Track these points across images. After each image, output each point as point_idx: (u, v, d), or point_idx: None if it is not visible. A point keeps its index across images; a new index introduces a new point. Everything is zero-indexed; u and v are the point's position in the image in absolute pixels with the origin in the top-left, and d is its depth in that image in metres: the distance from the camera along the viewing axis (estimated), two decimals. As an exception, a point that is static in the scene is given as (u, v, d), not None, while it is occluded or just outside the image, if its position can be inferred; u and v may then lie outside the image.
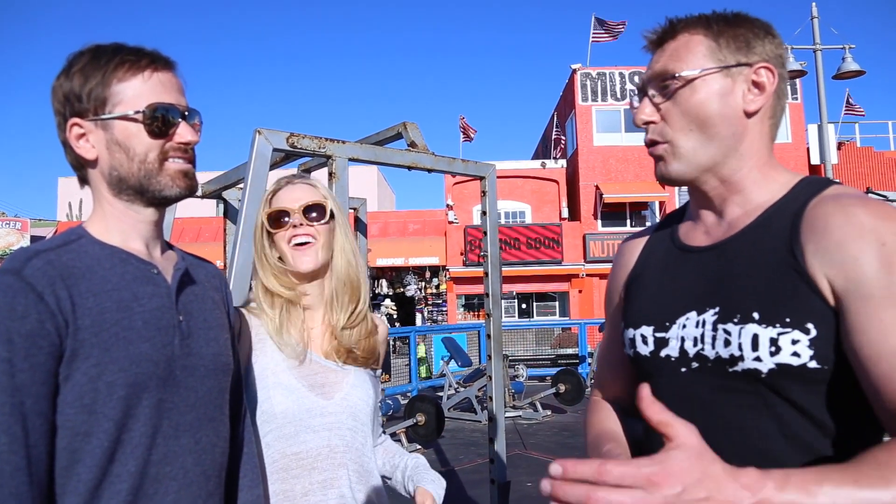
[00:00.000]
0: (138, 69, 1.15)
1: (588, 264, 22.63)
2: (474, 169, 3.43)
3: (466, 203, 24.11)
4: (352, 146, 2.82)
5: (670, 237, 1.24)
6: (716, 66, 1.07)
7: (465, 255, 22.37)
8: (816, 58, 12.72)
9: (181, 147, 1.19)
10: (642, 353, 1.18)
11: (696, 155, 1.09)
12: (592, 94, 23.92)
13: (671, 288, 1.17)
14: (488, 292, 3.54)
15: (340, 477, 1.52)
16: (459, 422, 9.64)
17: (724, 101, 1.07)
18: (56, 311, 1.03)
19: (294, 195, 1.59)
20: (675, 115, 1.10)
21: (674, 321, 1.13)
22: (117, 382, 1.06)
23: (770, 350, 0.97)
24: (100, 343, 1.06)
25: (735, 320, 1.02)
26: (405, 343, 12.75)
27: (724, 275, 1.08)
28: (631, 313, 1.24)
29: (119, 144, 1.15)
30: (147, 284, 1.17)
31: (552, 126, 27.33)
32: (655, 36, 1.15)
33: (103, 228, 1.19)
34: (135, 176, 1.16)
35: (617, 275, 1.36)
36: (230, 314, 1.41)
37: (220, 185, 3.79)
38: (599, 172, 23.66)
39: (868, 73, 12.89)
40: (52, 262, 1.07)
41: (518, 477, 6.08)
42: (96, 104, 1.14)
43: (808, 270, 0.97)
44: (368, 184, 28.34)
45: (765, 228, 1.06)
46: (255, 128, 2.50)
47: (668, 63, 1.10)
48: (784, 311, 0.97)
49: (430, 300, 23.17)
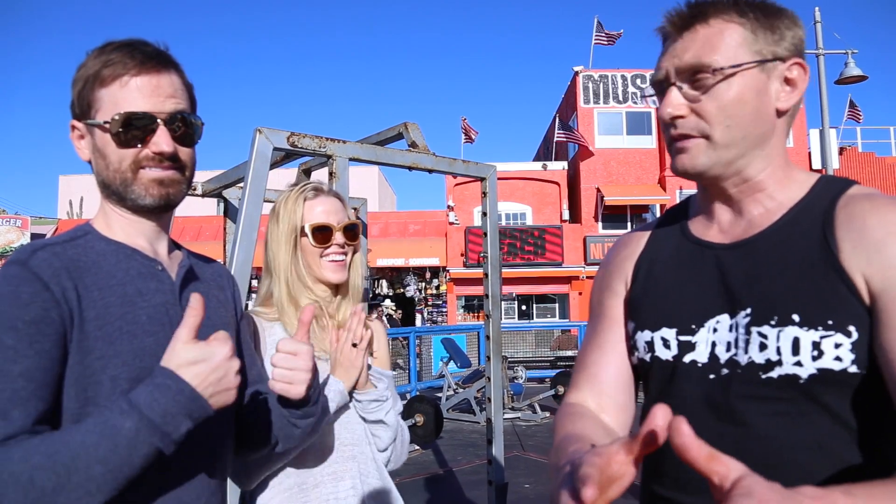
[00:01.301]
0: (120, 73, 1.12)
1: (588, 266, 22.62)
2: (475, 170, 3.43)
3: (467, 204, 24.10)
4: (352, 146, 2.82)
5: (680, 231, 1.17)
6: (753, 61, 1.00)
7: (465, 257, 22.36)
8: (819, 62, 12.73)
9: (156, 157, 1.15)
10: (662, 357, 1.10)
11: (727, 152, 1.03)
12: (594, 96, 23.93)
13: (692, 287, 1.10)
14: (488, 293, 3.53)
15: (350, 469, 1.60)
16: (458, 423, 9.64)
17: (759, 98, 1.02)
18: (61, 301, 1.02)
19: (329, 208, 1.68)
20: (711, 109, 1.01)
21: (702, 324, 1.06)
22: (120, 376, 1.06)
23: (812, 354, 0.93)
24: (104, 336, 1.06)
25: (772, 322, 0.97)
26: (405, 345, 12.73)
27: (754, 274, 1.02)
28: (645, 313, 1.15)
29: (99, 151, 1.16)
30: (151, 280, 1.17)
31: (554, 128, 27.33)
32: (681, 19, 1.04)
33: (107, 226, 1.20)
34: (113, 183, 1.16)
35: (618, 267, 1.24)
36: (238, 312, 1.41)
37: (221, 183, 3.79)
38: (601, 175, 23.66)
39: (870, 79, 12.89)
40: (57, 254, 1.08)
41: (516, 479, 6.08)
42: (83, 108, 1.15)
43: (846, 270, 0.93)
44: (369, 184, 28.33)
45: (793, 227, 1.02)
46: (256, 127, 2.50)
47: (701, 53, 1.01)
48: (826, 314, 0.93)
49: (429, 301, 23.17)
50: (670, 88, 1.05)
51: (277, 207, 1.70)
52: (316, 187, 1.72)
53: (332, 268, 1.66)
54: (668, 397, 1.07)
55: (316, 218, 1.66)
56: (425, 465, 7.25)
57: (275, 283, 1.66)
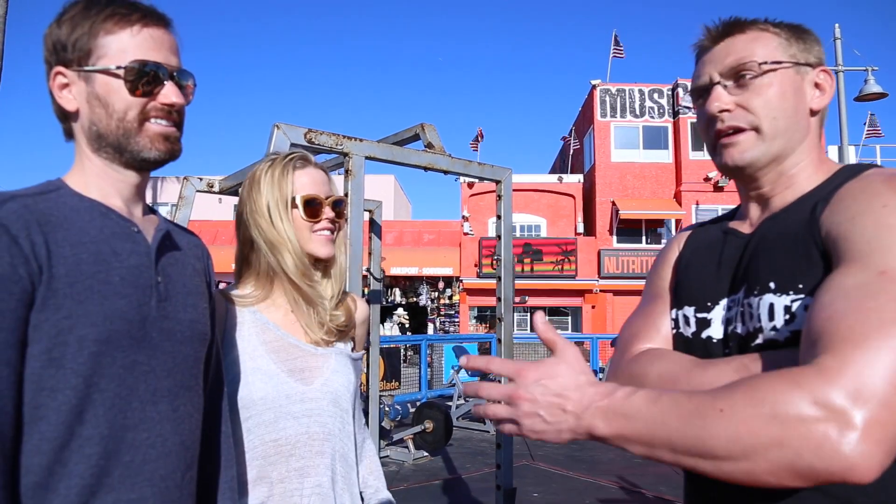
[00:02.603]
0: (128, 23, 1.11)
1: (602, 280, 22.54)
2: (490, 172, 3.44)
3: (482, 215, 24.11)
4: (369, 144, 2.84)
5: (719, 227, 1.25)
6: (790, 61, 1.10)
7: (478, 267, 22.35)
8: (838, 79, 12.66)
9: (164, 108, 1.13)
10: (685, 334, 1.18)
11: (774, 143, 1.10)
12: (612, 109, 23.92)
13: (712, 268, 1.18)
14: (500, 297, 3.53)
15: (318, 465, 1.50)
16: (468, 431, 9.61)
17: (797, 96, 1.10)
18: (30, 257, 0.97)
19: (318, 178, 1.59)
20: (758, 103, 1.09)
21: (717, 302, 1.14)
22: (88, 337, 1.01)
23: (785, 318, 0.97)
24: (73, 294, 1.01)
25: (755, 292, 1.03)
26: (416, 352, 12.72)
27: (755, 254, 1.09)
28: (677, 295, 1.24)
29: (99, 99, 1.11)
30: (126, 241, 1.12)
31: (570, 141, 27.33)
32: (718, 32, 1.14)
33: (83, 183, 1.15)
34: (113, 133, 1.12)
35: (667, 256, 1.34)
36: (210, 285, 1.36)
37: (237, 181, 3.82)
38: (616, 188, 23.61)
39: (890, 96, 12.79)
40: (28, 206, 1.02)
41: (524, 487, 6.04)
42: (80, 55, 1.10)
43: (821, 235, 0.97)
44: (385, 191, 28.42)
45: (798, 207, 1.07)
46: (274, 123, 2.53)
47: (743, 54, 1.10)
48: (798, 278, 0.98)
49: (442, 311, 23.16)
50: (715, 87, 1.12)
51: (258, 176, 1.56)
52: (304, 156, 1.61)
53: (322, 241, 1.56)
54: None
55: (306, 189, 1.56)
56: (434, 471, 7.24)
57: (281, 256, 1.51)
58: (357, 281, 2.73)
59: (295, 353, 1.54)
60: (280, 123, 2.51)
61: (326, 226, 1.58)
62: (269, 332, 1.54)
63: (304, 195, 1.55)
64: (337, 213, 1.60)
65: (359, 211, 2.79)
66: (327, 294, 1.61)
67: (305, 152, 1.65)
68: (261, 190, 1.55)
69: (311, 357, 1.56)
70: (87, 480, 1.01)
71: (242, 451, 1.46)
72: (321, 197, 1.57)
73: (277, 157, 1.60)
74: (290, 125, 2.54)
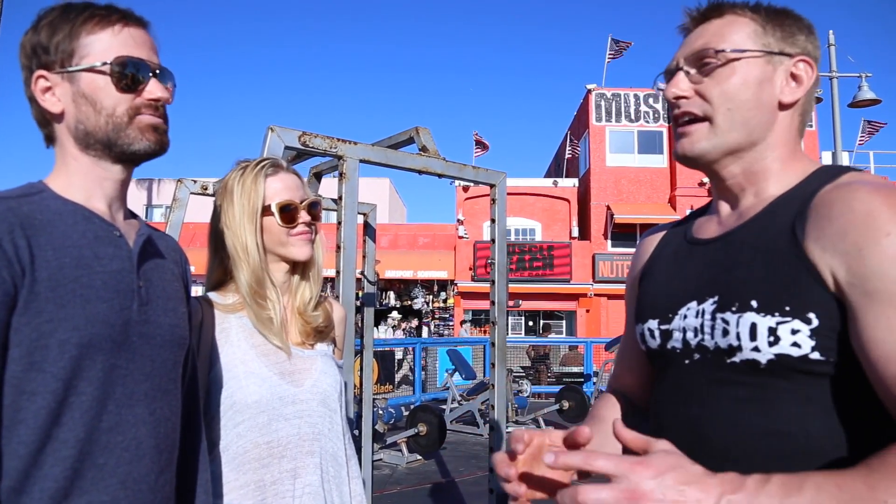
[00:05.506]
0: (108, 23, 1.12)
1: (597, 284, 22.56)
2: (485, 176, 3.44)
3: (477, 218, 24.13)
4: (363, 147, 2.84)
5: (684, 232, 1.22)
6: (759, 50, 1.05)
7: (473, 271, 22.35)
8: (832, 85, 12.73)
9: (151, 104, 1.15)
10: (652, 346, 1.17)
11: (727, 137, 1.06)
12: (607, 114, 23.99)
13: (676, 280, 1.15)
14: (494, 300, 3.53)
15: (308, 465, 1.51)
16: (461, 435, 9.59)
17: (761, 87, 1.05)
18: (13, 259, 0.97)
19: (291, 184, 1.61)
20: (714, 92, 1.05)
21: (676, 312, 1.11)
22: (70, 341, 1.01)
23: (769, 340, 0.93)
24: (55, 298, 1.01)
25: (733, 309, 0.99)
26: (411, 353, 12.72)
27: (726, 264, 1.05)
28: (640, 308, 1.23)
29: (86, 97, 1.12)
30: (109, 245, 1.13)
31: (565, 145, 27.39)
32: (698, 12, 1.11)
33: (66, 185, 1.15)
34: (102, 130, 1.12)
35: (633, 269, 1.34)
36: (188, 289, 1.37)
37: (232, 184, 3.81)
38: (611, 193, 23.66)
39: (884, 102, 12.86)
40: (12, 209, 1.02)
41: (518, 491, 6.02)
42: (63, 56, 1.11)
43: (809, 257, 0.93)
44: (380, 195, 28.39)
45: (772, 216, 1.03)
46: (268, 125, 2.53)
47: (710, 40, 1.07)
48: (784, 300, 0.93)
49: (436, 314, 23.15)
50: (678, 72, 1.10)
51: (230, 185, 1.58)
52: (275, 163, 1.63)
53: (300, 244, 1.59)
54: (661, 382, 1.16)
55: (280, 195, 1.57)
56: (427, 474, 7.22)
57: (240, 268, 1.54)
58: (351, 284, 2.73)
59: (282, 356, 1.56)
60: (274, 126, 2.51)
61: (303, 230, 1.60)
62: (256, 336, 1.55)
63: (279, 201, 1.57)
64: (313, 215, 1.62)
65: (353, 214, 2.79)
66: (306, 296, 1.64)
67: (276, 158, 1.67)
68: (232, 200, 1.57)
69: (299, 359, 1.58)
70: (61, 483, 1.00)
71: (234, 456, 1.46)
72: (296, 202, 1.59)
73: (248, 164, 1.61)
74: (285, 128, 2.54)
